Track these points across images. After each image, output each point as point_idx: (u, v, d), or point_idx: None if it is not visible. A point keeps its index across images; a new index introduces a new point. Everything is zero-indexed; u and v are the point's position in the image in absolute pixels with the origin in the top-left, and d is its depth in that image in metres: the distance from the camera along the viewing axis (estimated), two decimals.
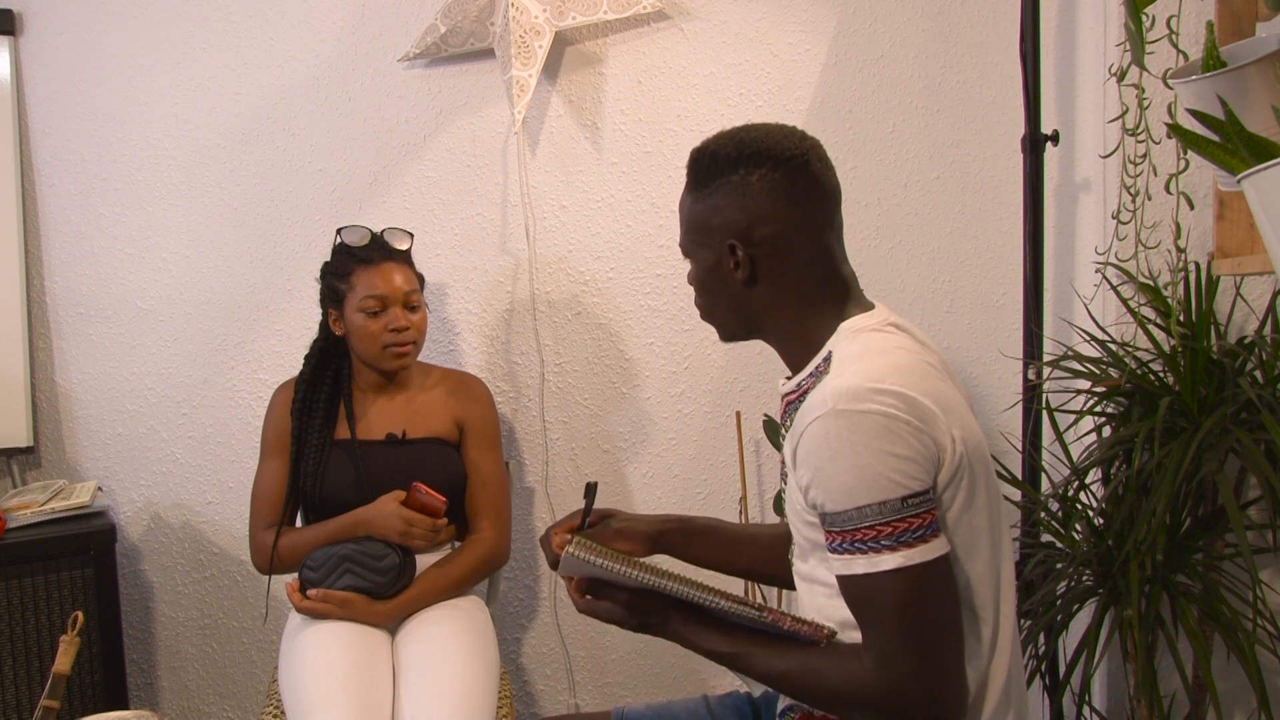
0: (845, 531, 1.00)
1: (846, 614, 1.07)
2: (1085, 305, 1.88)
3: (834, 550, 1.03)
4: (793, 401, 1.14)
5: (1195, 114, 1.06)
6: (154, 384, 2.17)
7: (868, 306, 1.14)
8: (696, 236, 1.15)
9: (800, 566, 1.17)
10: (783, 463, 1.19)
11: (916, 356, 1.06)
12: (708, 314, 1.21)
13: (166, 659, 2.22)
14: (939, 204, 2.13)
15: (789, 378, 1.16)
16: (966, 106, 2.10)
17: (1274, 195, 0.96)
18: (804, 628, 1.07)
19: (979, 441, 1.06)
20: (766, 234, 1.10)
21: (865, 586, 1.01)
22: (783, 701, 1.22)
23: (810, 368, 1.12)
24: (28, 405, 2.09)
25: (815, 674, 1.06)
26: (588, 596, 1.19)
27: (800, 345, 1.14)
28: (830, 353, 1.09)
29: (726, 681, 2.22)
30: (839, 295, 1.13)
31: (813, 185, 1.11)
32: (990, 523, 1.07)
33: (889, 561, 0.98)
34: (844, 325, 1.11)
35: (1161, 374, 1.60)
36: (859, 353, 1.06)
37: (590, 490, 1.25)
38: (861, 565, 1.00)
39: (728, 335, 1.22)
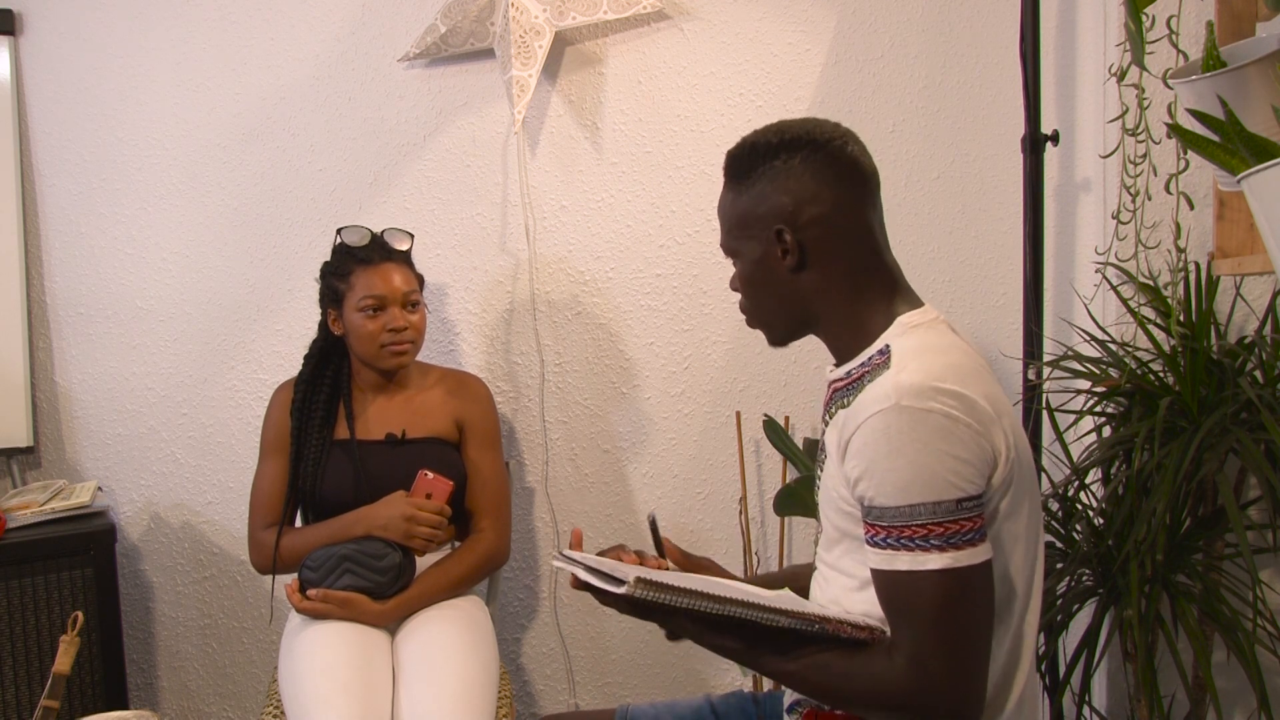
0: (893, 527, 1.00)
1: (867, 607, 1.06)
2: (1085, 305, 1.88)
3: (875, 544, 1.02)
4: (840, 389, 1.13)
5: (1195, 114, 1.06)
6: (154, 384, 2.17)
7: (918, 303, 1.14)
8: (741, 230, 1.15)
9: (825, 555, 1.17)
10: (821, 448, 1.18)
11: (972, 359, 1.07)
12: (757, 314, 1.19)
13: (166, 659, 2.22)
14: (939, 204, 2.13)
15: (836, 365, 1.16)
16: (966, 106, 2.10)
17: (1274, 195, 0.96)
18: (861, 632, 1.04)
19: (1026, 448, 1.06)
20: (813, 216, 1.10)
21: (905, 584, 1.00)
22: (789, 698, 1.21)
23: (863, 357, 1.11)
24: (28, 405, 2.09)
25: (837, 671, 1.04)
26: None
27: (852, 333, 1.13)
28: (888, 345, 1.08)
29: (728, 681, 2.22)
30: (887, 283, 1.13)
31: (854, 166, 1.12)
32: (1027, 532, 1.06)
33: (935, 562, 0.98)
34: (900, 319, 1.10)
35: (1161, 374, 1.60)
36: (918, 349, 1.05)
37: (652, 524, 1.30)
38: (905, 562, 0.99)
39: (778, 336, 1.20)
